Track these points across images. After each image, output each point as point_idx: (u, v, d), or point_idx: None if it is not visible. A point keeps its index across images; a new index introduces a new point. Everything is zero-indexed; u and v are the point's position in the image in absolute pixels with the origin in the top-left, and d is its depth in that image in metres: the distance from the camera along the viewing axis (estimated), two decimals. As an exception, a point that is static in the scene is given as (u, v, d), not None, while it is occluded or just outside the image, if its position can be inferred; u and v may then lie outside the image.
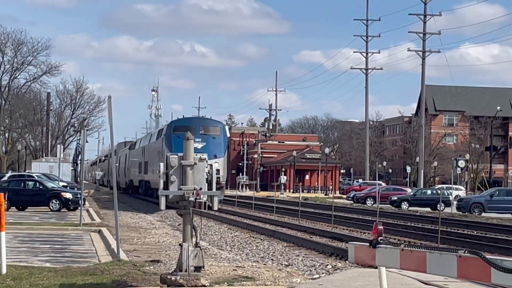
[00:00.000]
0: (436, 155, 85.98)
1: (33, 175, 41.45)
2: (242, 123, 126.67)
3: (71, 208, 33.70)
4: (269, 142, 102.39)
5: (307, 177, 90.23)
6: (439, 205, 37.44)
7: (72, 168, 43.83)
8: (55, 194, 33.98)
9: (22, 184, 35.27)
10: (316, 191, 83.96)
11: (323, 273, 13.11)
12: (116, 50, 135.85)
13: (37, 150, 76.25)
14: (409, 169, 78.21)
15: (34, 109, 76.83)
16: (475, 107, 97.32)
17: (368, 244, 9.51)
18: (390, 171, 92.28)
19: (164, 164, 10.66)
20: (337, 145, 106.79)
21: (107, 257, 15.54)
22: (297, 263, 15.02)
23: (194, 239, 10.44)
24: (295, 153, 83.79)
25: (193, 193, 10.07)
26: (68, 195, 34.23)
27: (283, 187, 76.27)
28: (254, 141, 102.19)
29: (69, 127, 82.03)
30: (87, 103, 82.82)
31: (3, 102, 73.97)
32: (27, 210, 33.42)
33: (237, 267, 13.15)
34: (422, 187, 58.99)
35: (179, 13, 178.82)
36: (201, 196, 10.24)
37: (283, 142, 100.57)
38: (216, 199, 10.81)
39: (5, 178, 40.90)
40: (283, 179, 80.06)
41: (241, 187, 76.93)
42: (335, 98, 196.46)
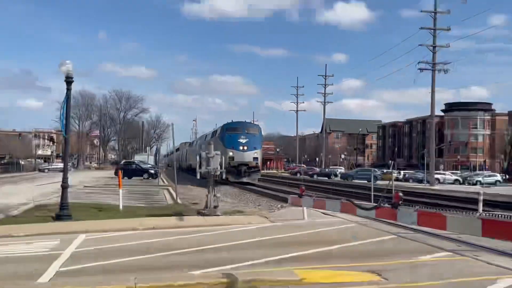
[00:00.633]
0: (331, 152, 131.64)
1: (135, 161, 64.28)
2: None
3: (154, 177, 52.30)
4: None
5: (269, 163, 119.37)
6: (332, 176, 77.56)
7: (154, 158, 62.88)
8: (146, 170, 54.84)
9: (129, 165, 57.49)
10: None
11: (276, 209, 20.57)
12: (176, 105, 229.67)
13: (137, 149, 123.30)
14: (317, 159, 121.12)
15: (135, 130, 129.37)
16: (349, 129, 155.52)
17: (297, 195, 17.43)
18: (308, 160, 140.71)
19: (200, 155, 19.33)
20: (282, 147, 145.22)
21: (171, 201, 24.82)
22: (264, 204, 22.97)
23: (213, 192, 18.85)
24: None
25: (212, 170, 18.68)
26: (152, 171, 55.46)
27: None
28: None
29: (153, 139, 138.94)
30: (162, 126, 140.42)
31: (121, 126, 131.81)
32: (132, 178, 50.09)
33: (234, 206, 21.82)
34: (323, 167, 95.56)
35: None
36: (217, 172, 18.86)
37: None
38: (223, 174, 19.31)
39: (122, 163, 66.34)
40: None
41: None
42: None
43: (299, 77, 77.12)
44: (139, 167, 56.79)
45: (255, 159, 45.28)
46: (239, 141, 44.32)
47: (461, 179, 70.80)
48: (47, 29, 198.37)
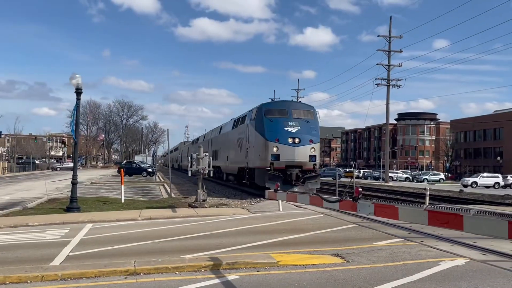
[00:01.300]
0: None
1: (135, 161, 63.82)
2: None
3: (152, 175, 51.44)
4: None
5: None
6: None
7: (151, 158, 62.30)
8: (144, 169, 54.19)
9: (130, 165, 56.62)
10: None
11: (256, 202, 20.59)
12: (170, 113, 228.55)
13: (137, 151, 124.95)
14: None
15: (136, 134, 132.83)
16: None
17: (273, 191, 17.48)
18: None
19: (192, 157, 19.29)
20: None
21: (166, 195, 24.65)
22: (246, 198, 22.83)
23: (202, 188, 18.94)
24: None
25: (202, 169, 18.69)
26: (150, 170, 54.57)
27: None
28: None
29: (150, 142, 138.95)
30: (159, 131, 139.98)
31: (123, 131, 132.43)
32: (132, 176, 50.49)
33: (220, 200, 21.89)
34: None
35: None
36: (205, 170, 18.87)
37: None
38: (211, 172, 19.22)
39: (123, 163, 64.78)
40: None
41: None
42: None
43: (275, 90, 77.76)
44: (139, 166, 56.44)
45: (313, 158, 23.98)
46: (287, 130, 23.80)
47: (411, 177, 71.79)
48: (58, 47, 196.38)
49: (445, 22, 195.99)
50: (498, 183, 54.94)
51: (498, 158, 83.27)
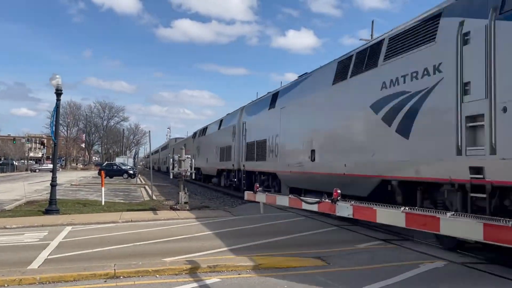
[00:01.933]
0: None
1: (116, 163, 63.10)
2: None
3: (133, 177, 50.32)
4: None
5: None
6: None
7: (133, 160, 61.96)
8: (125, 171, 52.93)
9: (111, 166, 55.38)
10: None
11: (237, 205, 20.45)
12: (152, 114, 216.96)
13: (118, 152, 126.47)
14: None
15: (117, 136, 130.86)
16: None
17: (252, 192, 17.36)
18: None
19: (173, 158, 19.17)
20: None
21: (147, 197, 24.46)
22: (228, 201, 22.94)
23: (184, 190, 18.85)
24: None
25: (183, 171, 18.62)
26: (131, 171, 53.59)
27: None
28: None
29: (132, 143, 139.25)
30: (140, 132, 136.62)
31: (104, 132, 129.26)
32: (113, 178, 49.49)
33: (202, 202, 21.77)
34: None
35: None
36: (187, 172, 18.80)
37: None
38: (193, 174, 19.13)
39: (104, 164, 64.50)
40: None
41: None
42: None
43: (258, 92, 77.92)
44: (120, 168, 55.86)
45: None
46: None
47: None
48: (38, 47, 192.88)
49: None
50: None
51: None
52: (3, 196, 24.91)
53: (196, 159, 29.38)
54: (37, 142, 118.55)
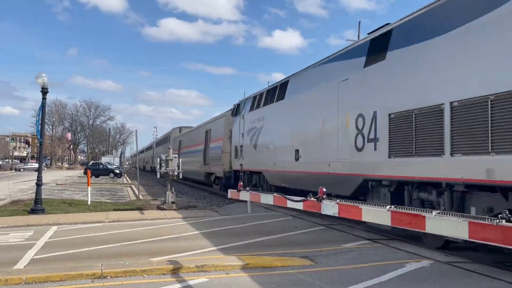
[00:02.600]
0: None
1: (102, 162, 62.42)
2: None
3: (119, 176, 50.22)
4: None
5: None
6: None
7: (119, 159, 61.74)
8: (112, 170, 52.61)
9: (97, 166, 55.20)
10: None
11: (224, 204, 20.46)
12: (138, 113, 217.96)
13: (104, 152, 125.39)
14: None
15: (103, 135, 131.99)
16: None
17: (236, 190, 17.29)
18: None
19: (160, 158, 19.06)
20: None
21: (134, 197, 24.32)
22: (215, 201, 23.06)
23: (171, 190, 18.77)
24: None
25: (171, 171, 18.54)
26: (117, 171, 53.47)
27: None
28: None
29: (118, 143, 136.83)
30: (127, 132, 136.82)
31: (90, 131, 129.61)
32: (99, 177, 49.40)
33: (189, 202, 21.72)
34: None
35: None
36: (174, 172, 18.71)
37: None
38: (180, 174, 19.08)
39: (90, 163, 64.67)
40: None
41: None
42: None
43: (245, 92, 77.81)
44: (106, 168, 55.52)
45: None
46: None
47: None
48: (23, 45, 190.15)
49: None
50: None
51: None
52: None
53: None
54: (22, 141, 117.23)
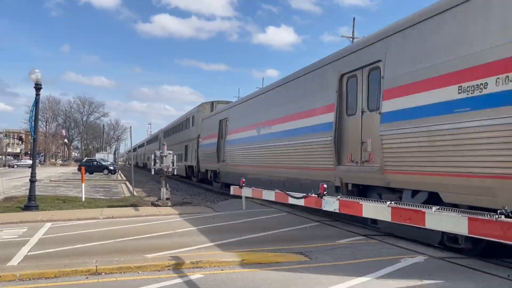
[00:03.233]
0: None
1: (96, 159, 62.15)
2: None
3: (113, 173, 50.55)
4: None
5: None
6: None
7: (113, 156, 61.59)
8: (106, 167, 52.38)
9: (91, 162, 55.27)
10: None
11: (219, 201, 20.57)
12: (132, 110, 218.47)
13: (98, 148, 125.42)
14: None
15: (97, 131, 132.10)
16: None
17: (238, 186, 17.28)
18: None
19: (155, 154, 19.00)
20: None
21: (128, 194, 24.30)
22: (210, 197, 23.09)
23: (166, 186, 18.72)
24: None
25: (165, 167, 18.47)
26: (111, 167, 53.13)
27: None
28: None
29: (112, 139, 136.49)
30: (121, 128, 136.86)
31: (84, 128, 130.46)
32: (93, 174, 49.80)
33: (184, 198, 21.69)
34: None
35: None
36: (169, 168, 18.64)
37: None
38: (175, 170, 19.01)
39: (84, 160, 65.20)
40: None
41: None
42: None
43: (239, 88, 77.03)
44: (100, 164, 55.29)
45: None
46: None
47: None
48: (15, 41, 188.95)
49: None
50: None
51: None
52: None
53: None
54: (15, 137, 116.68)
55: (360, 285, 6.73)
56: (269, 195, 14.27)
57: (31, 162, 18.16)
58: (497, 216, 5.14)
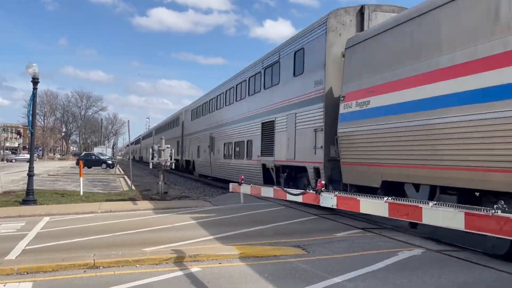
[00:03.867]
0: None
1: (94, 153, 62.30)
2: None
3: (111, 167, 50.58)
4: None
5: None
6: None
7: (111, 150, 61.84)
8: (104, 161, 52.67)
9: (89, 156, 55.34)
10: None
11: (217, 194, 20.61)
12: (130, 104, 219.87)
13: (96, 142, 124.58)
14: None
15: (95, 126, 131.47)
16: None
17: (237, 183, 17.30)
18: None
19: (153, 148, 19.05)
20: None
21: (126, 188, 24.27)
22: (208, 191, 23.21)
23: (164, 180, 18.81)
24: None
25: (163, 161, 18.52)
26: (109, 162, 53.23)
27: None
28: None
29: (110, 133, 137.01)
30: (119, 122, 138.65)
31: (82, 122, 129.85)
32: (92, 168, 49.97)
33: (182, 192, 21.70)
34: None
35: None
36: (167, 162, 18.70)
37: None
38: (173, 164, 19.07)
39: (82, 154, 65.55)
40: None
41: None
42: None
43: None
44: (98, 158, 55.29)
45: None
46: None
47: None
48: (12, 35, 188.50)
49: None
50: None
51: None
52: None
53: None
54: (13, 131, 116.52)
55: (357, 277, 6.74)
56: (268, 192, 14.24)
57: (29, 156, 18.12)
58: (493, 211, 5.16)
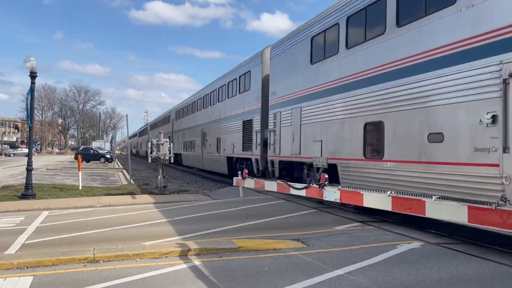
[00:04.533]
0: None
1: (93, 147, 62.77)
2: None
3: (110, 161, 51.30)
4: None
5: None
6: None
7: (110, 144, 61.98)
8: (103, 155, 52.80)
9: (88, 150, 55.26)
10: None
11: (216, 188, 20.70)
12: (127, 98, 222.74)
13: (94, 136, 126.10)
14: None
15: (93, 120, 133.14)
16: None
17: (241, 177, 17.26)
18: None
19: (151, 142, 19.01)
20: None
21: (125, 182, 24.25)
22: (207, 185, 23.21)
23: (163, 174, 18.79)
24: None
25: (162, 155, 18.50)
26: (108, 156, 53.50)
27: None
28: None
29: (108, 127, 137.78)
30: (117, 116, 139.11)
31: (80, 116, 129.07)
32: (90, 162, 50.07)
33: (181, 186, 21.71)
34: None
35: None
36: (166, 156, 18.68)
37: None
38: (172, 158, 19.06)
39: (80, 148, 64.52)
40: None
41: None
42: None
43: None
44: (97, 152, 55.27)
45: None
46: None
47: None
48: (8, 29, 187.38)
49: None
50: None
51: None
52: (-23, 181, 24.37)
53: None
54: (11, 126, 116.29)
55: (357, 271, 6.76)
56: (272, 186, 14.23)
57: (27, 150, 18.09)
58: (496, 204, 5.17)
